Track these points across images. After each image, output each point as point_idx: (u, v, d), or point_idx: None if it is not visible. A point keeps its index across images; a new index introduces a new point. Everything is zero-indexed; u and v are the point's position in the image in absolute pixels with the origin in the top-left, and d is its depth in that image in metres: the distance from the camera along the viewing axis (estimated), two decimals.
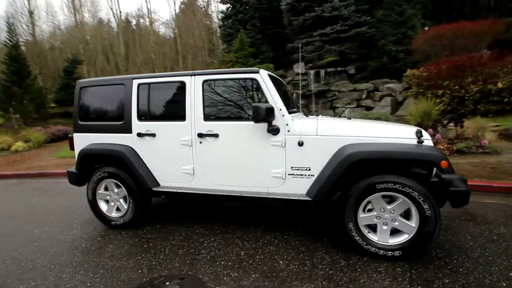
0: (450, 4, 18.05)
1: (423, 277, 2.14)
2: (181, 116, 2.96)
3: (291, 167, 2.67)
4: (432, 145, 2.46)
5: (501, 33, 9.20)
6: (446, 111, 7.73)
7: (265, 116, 2.48)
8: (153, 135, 3.04)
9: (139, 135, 3.09)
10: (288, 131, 2.63)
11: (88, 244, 2.98)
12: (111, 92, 3.27)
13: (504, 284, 2.00)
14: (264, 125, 2.65)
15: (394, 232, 2.41)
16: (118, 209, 3.34)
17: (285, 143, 2.64)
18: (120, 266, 2.50)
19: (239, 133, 2.78)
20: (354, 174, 2.44)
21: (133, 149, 3.13)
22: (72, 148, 3.51)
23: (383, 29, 14.71)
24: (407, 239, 2.34)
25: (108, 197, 3.35)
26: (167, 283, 2.20)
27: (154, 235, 3.10)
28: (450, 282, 2.07)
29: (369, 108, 12.25)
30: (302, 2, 16.20)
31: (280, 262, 2.44)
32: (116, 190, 3.29)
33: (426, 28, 14.60)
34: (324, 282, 2.13)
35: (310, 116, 3.37)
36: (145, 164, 3.11)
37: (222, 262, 2.48)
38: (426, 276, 2.15)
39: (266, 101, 2.67)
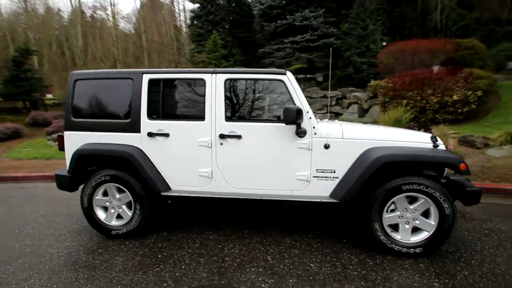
0: (403, 23, 20.07)
1: (445, 271, 2.32)
2: (199, 116, 2.79)
3: (317, 170, 2.69)
4: (445, 149, 2.70)
5: (452, 52, 10.50)
6: (409, 119, 8.56)
7: (296, 118, 2.48)
8: (167, 135, 2.82)
9: (150, 134, 2.83)
10: (315, 133, 2.65)
11: (90, 257, 2.63)
12: (115, 86, 2.96)
13: None
14: (290, 127, 2.64)
15: (414, 230, 2.57)
16: (119, 217, 3.01)
17: (311, 145, 2.66)
18: (139, 280, 2.25)
19: (264, 134, 2.72)
20: (377, 176, 2.55)
21: (140, 149, 2.86)
22: (61, 148, 3.08)
23: (348, 41, 15.76)
24: (427, 236, 2.51)
25: (107, 203, 3.00)
26: None
27: (164, 243, 2.86)
28: (469, 273, 2.28)
29: (338, 114, 12.95)
30: (274, 9, 16.58)
31: (311, 265, 2.43)
32: (118, 196, 2.96)
33: (384, 43, 16.04)
34: (362, 282, 2.18)
35: (324, 120, 3.44)
36: (155, 167, 2.86)
37: (253, 269, 2.38)
38: (447, 270, 2.33)
39: (293, 103, 2.66)
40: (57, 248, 2.82)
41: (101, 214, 3.01)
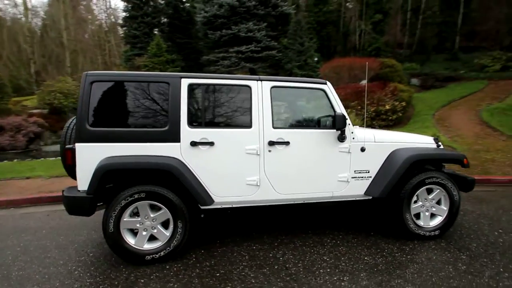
0: (329, 42, 22.93)
1: (461, 245, 2.88)
2: (245, 123, 2.74)
3: (355, 171, 2.97)
4: (442, 147, 3.34)
5: (378, 69, 12.60)
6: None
7: (344, 124, 2.72)
8: (211, 143, 2.65)
9: (194, 144, 2.61)
10: (353, 138, 2.93)
11: None
12: (146, 90, 2.62)
13: None
14: (333, 133, 2.86)
15: (431, 216, 3.09)
16: (152, 239, 2.64)
17: (350, 149, 2.92)
18: None
19: (310, 140, 2.85)
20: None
21: (181, 161, 2.60)
22: (70, 162, 2.53)
23: (289, 55, 17.10)
24: (441, 220, 3.06)
25: (138, 225, 2.59)
26: None
27: (212, 260, 2.65)
28: (477, 244, 2.88)
29: None
30: (219, 18, 16.72)
31: (366, 258, 2.67)
32: (152, 215, 2.60)
33: (316, 59, 18.05)
34: (415, 265, 2.53)
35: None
36: (198, 178, 2.64)
37: (321, 270, 2.47)
38: (462, 244, 2.90)
39: (333, 111, 2.89)
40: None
41: (129, 239, 2.58)
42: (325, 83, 2.93)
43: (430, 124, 9.68)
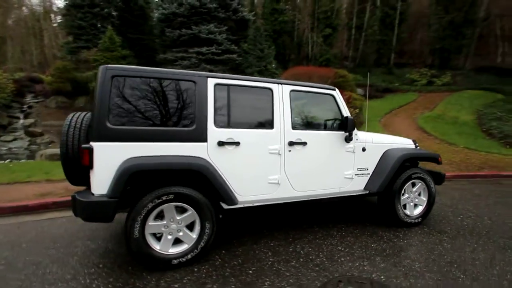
0: (284, 50, 24.03)
1: (440, 229, 3.44)
2: (268, 124, 2.85)
3: (357, 168, 3.32)
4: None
5: (333, 78, 13.77)
6: None
7: (354, 127, 3.05)
8: (237, 143, 2.69)
9: (220, 143, 2.61)
10: (357, 139, 3.29)
11: None
12: (171, 88, 2.53)
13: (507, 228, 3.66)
14: (341, 134, 3.18)
15: (414, 206, 3.62)
16: (177, 242, 2.54)
17: (355, 149, 3.27)
18: None
19: (323, 141, 3.11)
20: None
21: (207, 161, 2.58)
22: (87, 163, 2.29)
23: (249, 59, 17.46)
24: (422, 209, 3.61)
25: (163, 228, 2.47)
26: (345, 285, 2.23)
27: (239, 259, 2.67)
28: (451, 228, 3.50)
29: None
30: (179, 17, 16.22)
31: (373, 245, 3.01)
32: (179, 217, 2.50)
33: (273, 65, 18.83)
34: (413, 248, 2.97)
35: None
36: (224, 178, 2.65)
37: (342, 259, 2.71)
38: (440, 228, 3.47)
39: (340, 114, 3.20)
40: None
41: (154, 244, 2.45)
42: (334, 89, 3.24)
43: (379, 129, 10.97)
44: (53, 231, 3.36)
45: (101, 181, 2.32)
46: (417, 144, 3.87)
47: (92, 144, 2.29)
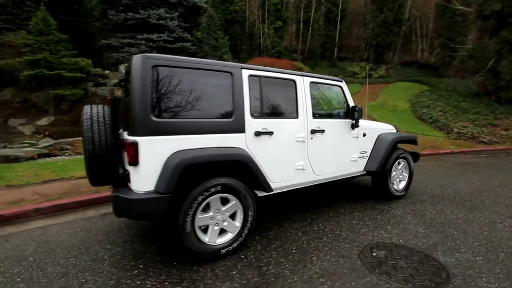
0: (236, 40, 23.89)
1: (419, 199, 4.14)
2: (293, 113, 3.02)
3: (360, 152, 3.75)
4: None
5: (291, 70, 14.39)
6: None
7: (361, 115, 3.43)
8: (271, 133, 2.80)
9: (257, 134, 2.69)
10: (358, 126, 3.69)
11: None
12: (210, 79, 2.49)
13: (465, 193, 4.47)
14: (348, 122, 3.55)
15: (399, 181, 4.26)
16: (222, 232, 2.56)
17: (358, 135, 3.68)
18: (334, 267, 2.36)
19: (337, 128, 3.42)
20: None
21: (246, 151, 2.64)
22: (133, 160, 2.14)
23: (204, 49, 16.98)
24: (405, 183, 4.27)
25: (210, 220, 2.47)
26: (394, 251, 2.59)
27: (275, 243, 2.82)
28: (427, 197, 4.23)
29: None
30: None
31: (378, 216, 3.50)
32: (224, 208, 2.53)
33: (230, 55, 18.70)
34: (410, 215, 3.54)
35: None
36: (260, 167, 2.75)
37: (362, 230, 3.10)
38: (420, 198, 4.18)
39: (347, 104, 3.56)
40: None
41: (203, 236, 2.44)
42: (341, 81, 3.56)
43: None
44: (55, 239, 2.98)
45: (147, 177, 2.20)
46: (397, 129, 4.51)
47: (137, 139, 2.15)
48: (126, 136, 2.29)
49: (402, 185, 4.25)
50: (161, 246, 2.78)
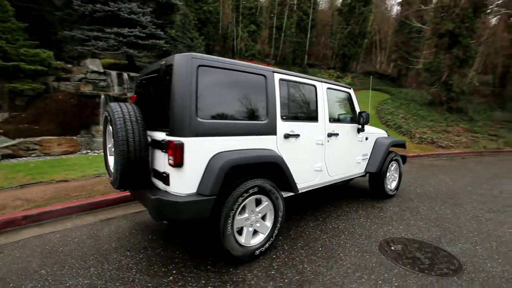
0: (209, 41, 23.57)
1: (408, 197, 4.56)
2: (314, 117, 3.16)
3: (362, 154, 4.03)
4: None
5: None
6: None
7: (368, 120, 3.70)
8: (297, 135, 2.90)
9: (286, 136, 2.77)
10: (364, 130, 3.96)
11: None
12: (246, 82, 2.51)
13: (444, 191, 4.95)
14: (355, 126, 3.79)
15: (392, 182, 4.64)
16: (255, 233, 2.58)
17: (362, 139, 3.95)
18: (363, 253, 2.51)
19: (347, 132, 3.63)
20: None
21: (277, 152, 2.71)
22: (179, 161, 2.08)
23: (179, 47, 16.52)
24: (396, 183, 4.67)
25: (245, 221, 2.47)
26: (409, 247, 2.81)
27: (300, 242, 2.91)
28: (415, 194, 4.68)
29: None
30: None
31: (380, 214, 3.78)
32: (257, 209, 2.55)
33: None
34: (406, 211, 3.89)
35: None
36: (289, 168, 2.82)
37: (367, 225, 3.33)
38: (408, 197, 4.60)
39: (353, 110, 3.81)
40: None
41: (239, 238, 2.43)
42: (350, 88, 3.79)
43: None
44: (62, 249, 2.71)
45: (191, 179, 2.15)
46: (388, 134, 4.91)
47: (183, 139, 2.09)
48: (165, 137, 2.20)
49: (394, 185, 4.63)
50: (186, 250, 2.70)
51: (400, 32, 22.85)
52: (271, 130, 2.66)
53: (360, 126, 3.79)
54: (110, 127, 2.49)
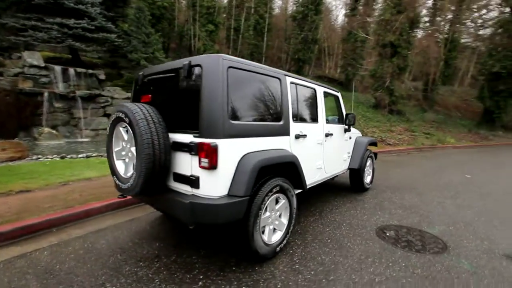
0: (164, 38, 22.48)
1: (381, 189, 5.12)
2: (315, 119, 3.37)
3: (347, 152, 4.40)
4: None
5: None
6: None
7: (355, 121, 4.08)
8: (305, 136, 3.06)
9: (297, 136, 2.91)
10: (350, 130, 4.33)
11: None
12: (265, 84, 2.58)
13: (407, 183, 5.57)
14: (344, 126, 4.13)
15: (367, 176, 5.14)
16: (274, 231, 2.65)
17: (348, 138, 4.32)
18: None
19: (338, 132, 3.93)
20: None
21: (292, 152, 2.83)
22: (215, 163, 2.05)
23: (133, 43, 15.46)
24: (371, 177, 5.18)
25: (268, 220, 2.53)
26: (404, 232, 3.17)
27: (308, 236, 3.08)
28: (387, 186, 5.26)
29: None
30: None
31: (365, 205, 4.18)
32: (276, 207, 2.63)
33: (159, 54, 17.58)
34: (385, 201, 4.37)
35: None
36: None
37: (359, 216, 3.68)
38: (382, 189, 5.16)
39: (341, 112, 4.15)
40: None
41: (263, 237, 2.48)
42: (338, 92, 4.11)
43: None
44: (59, 267, 2.40)
45: (224, 181, 2.14)
46: (361, 134, 5.43)
47: (217, 141, 2.07)
48: (193, 139, 2.14)
49: (369, 179, 5.14)
50: (203, 255, 2.64)
51: (347, 41, 24.95)
52: (286, 131, 2.77)
53: (346, 127, 4.15)
54: (122, 129, 2.32)
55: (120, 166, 2.45)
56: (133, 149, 2.26)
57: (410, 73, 20.21)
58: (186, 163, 2.22)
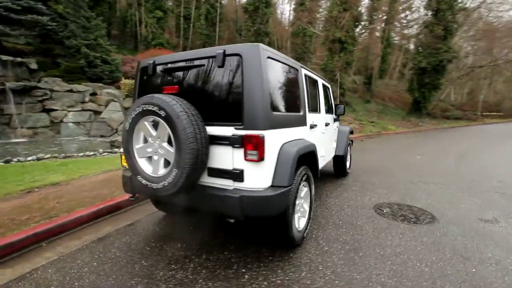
0: (109, 27, 20.18)
1: (357, 174, 5.63)
2: (318, 109, 3.53)
3: (334, 141, 4.71)
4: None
5: None
6: None
7: (344, 112, 4.39)
8: (316, 125, 3.20)
9: (311, 126, 3.03)
10: (339, 120, 4.63)
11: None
12: (291, 75, 2.61)
13: (387, 168, 6.15)
14: (333, 116, 4.41)
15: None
16: (299, 218, 2.74)
17: (336, 127, 4.62)
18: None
19: (331, 122, 4.17)
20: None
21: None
22: (263, 155, 2.03)
23: (72, 28, 13.59)
24: (349, 162, 5.64)
25: (298, 207, 2.60)
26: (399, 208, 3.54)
27: (314, 226, 3.26)
28: (366, 169, 5.80)
29: (97, 112, 11.50)
30: None
31: (353, 188, 4.57)
32: (302, 195, 2.71)
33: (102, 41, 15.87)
34: (368, 183, 4.84)
35: None
36: None
37: (368, 197, 4.03)
38: (357, 174, 5.67)
39: (331, 102, 4.41)
40: None
41: (296, 224, 2.56)
42: (329, 82, 4.34)
43: None
44: (79, 284, 2.11)
45: (269, 172, 2.14)
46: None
47: (263, 133, 2.05)
48: (235, 131, 2.07)
49: (348, 164, 5.60)
50: (233, 249, 2.60)
51: (296, 35, 25.96)
52: (303, 121, 2.85)
53: (335, 117, 4.43)
54: (147, 124, 2.12)
55: (144, 164, 2.23)
56: (165, 144, 2.09)
57: (353, 67, 22.11)
58: (225, 157, 2.14)
